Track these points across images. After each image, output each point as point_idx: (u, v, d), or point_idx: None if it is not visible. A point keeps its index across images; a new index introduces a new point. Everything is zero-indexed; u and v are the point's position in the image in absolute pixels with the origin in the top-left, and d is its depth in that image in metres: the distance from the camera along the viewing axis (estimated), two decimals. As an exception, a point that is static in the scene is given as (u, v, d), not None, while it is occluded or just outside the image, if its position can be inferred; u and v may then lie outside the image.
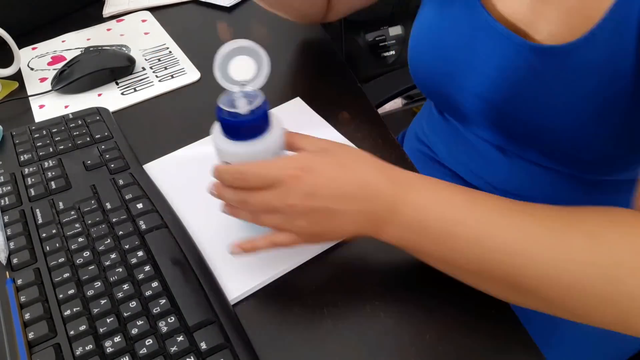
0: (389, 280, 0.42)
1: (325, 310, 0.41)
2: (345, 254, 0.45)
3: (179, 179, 0.53)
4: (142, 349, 0.37)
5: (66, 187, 0.52)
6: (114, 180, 0.52)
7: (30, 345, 0.38)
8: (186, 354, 0.37)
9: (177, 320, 0.39)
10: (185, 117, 0.63)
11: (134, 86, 0.69)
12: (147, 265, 0.43)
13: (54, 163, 0.54)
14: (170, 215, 0.48)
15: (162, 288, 0.41)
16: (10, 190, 0.51)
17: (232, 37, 0.80)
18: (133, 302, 0.40)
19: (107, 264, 0.43)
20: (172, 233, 0.46)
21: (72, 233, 0.46)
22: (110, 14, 0.88)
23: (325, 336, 0.39)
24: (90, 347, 0.37)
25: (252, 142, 0.38)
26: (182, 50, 0.76)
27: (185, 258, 0.44)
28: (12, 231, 0.47)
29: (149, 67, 0.73)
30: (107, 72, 0.69)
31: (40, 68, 0.75)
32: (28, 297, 0.41)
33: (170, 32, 0.81)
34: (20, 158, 0.56)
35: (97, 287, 0.41)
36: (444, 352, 0.38)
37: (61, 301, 0.41)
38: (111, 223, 0.47)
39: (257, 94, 0.38)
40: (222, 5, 0.87)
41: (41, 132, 0.59)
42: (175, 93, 0.68)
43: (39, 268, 0.44)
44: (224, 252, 0.45)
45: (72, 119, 0.61)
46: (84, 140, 0.57)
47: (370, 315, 0.40)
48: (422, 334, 0.39)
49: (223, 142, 0.39)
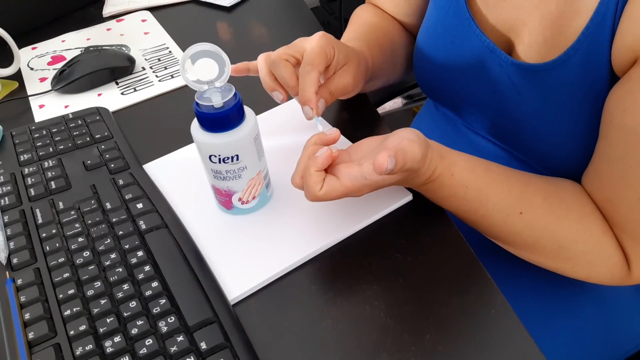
0: (388, 281, 0.42)
1: (325, 310, 0.41)
2: (345, 254, 0.45)
3: (179, 179, 0.53)
4: (142, 349, 0.37)
5: (66, 187, 0.52)
6: (114, 180, 0.52)
7: (30, 345, 0.38)
8: (186, 354, 0.37)
9: (177, 320, 0.39)
10: (185, 117, 0.63)
11: (134, 86, 0.69)
12: (147, 265, 0.43)
13: (54, 163, 0.54)
14: (170, 215, 0.48)
15: (162, 288, 0.41)
16: (10, 190, 0.51)
17: (232, 37, 0.80)
18: (133, 302, 0.40)
19: (107, 264, 0.43)
20: (172, 233, 0.46)
21: (72, 233, 0.46)
22: (110, 14, 0.88)
23: (325, 336, 0.39)
24: (90, 347, 0.37)
25: (229, 132, 0.42)
26: (182, 50, 0.76)
27: (185, 258, 0.44)
28: (12, 231, 0.47)
29: (149, 67, 0.73)
30: (107, 72, 0.69)
31: (40, 68, 0.75)
32: (28, 297, 0.41)
33: (170, 32, 0.81)
34: (20, 158, 0.56)
35: (97, 287, 0.41)
36: (444, 352, 0.38)
37: (61, 301, 0.41)
38: (111, 223, 0.47)
39: (230, 88, 0.42)
40: (222, 5, 0.87)
41: (41, 132, 0.59)
42: (175, 93, 0.68)
43: (39, 268, 0.44)
44: (224, 252, 0.45)
45: (72, 118, 0.61)
46: (84, 140, 0.57)
47: (370, 315, 0.40)
48: (422, 334, 0.39)
49: (202, 135, 0.42)
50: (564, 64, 0.44)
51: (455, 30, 0.53)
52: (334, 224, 0.47)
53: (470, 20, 0.51)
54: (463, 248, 0.45)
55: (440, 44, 0.55)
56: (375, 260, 0.44)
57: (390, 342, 0.38)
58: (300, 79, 0.45)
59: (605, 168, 0.43)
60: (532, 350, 0.38)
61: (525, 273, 0.55)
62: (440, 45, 0.55)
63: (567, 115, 0.46)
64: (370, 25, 0.62)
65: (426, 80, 0.61)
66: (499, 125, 0.54)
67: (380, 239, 0.46)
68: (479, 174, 0.44)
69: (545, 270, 0.48)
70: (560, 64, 0.44)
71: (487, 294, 0.41)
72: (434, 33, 0.56)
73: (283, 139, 0.57)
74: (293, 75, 0.46)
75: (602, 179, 0.44)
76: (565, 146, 0.48)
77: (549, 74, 0.45)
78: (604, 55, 0.41)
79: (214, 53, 0.40)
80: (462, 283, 0.42)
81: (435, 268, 0.43)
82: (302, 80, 0.45)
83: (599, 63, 0.42)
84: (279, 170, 0.51)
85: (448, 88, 0.57)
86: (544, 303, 0.56)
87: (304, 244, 0.45)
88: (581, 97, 0.44)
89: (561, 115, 0.46)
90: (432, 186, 0.44)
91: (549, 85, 0.46)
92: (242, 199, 0.47)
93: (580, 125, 0.46)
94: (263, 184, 0.47)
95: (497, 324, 0.39)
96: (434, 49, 0.56)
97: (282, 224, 0.47)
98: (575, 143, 0.47)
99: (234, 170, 0.44)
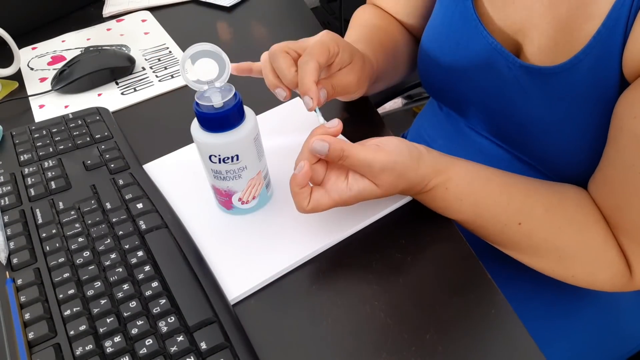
0: (388, 281, 0.42)
1: (325, 310, 0.41)
2: (345, 254, 0.45)
3: (179, 179, 0.53)
4: (142, 349, 0.37)
5: (66, 187, 0.52)
6: (114, 180, 0.52)
7: (30, 345, 0.38)
8: (186, 354, 0.37)
9: (177, 320, 0.39)
10: (185, 117, 0.63)
11: (134, 86, 0.69)
12: (147, 265, 0.43)
13: (54, 163, 0.54)
14: (170, 215, 0.48)
15: (162, 288, 0.41)
16: (10, 190, 0.51)
17: (232, 37, 0.80)
18: (133, 302, 0.40)
19: (107, 264, 0.43)
20: (172, 233, 0.46)
21: (72, 233, 0.46)
22: (110, 14, 0.88)
23: (325, 336, 0.39)
24: (90, 347, 0.37)
25: (229, 133, 0.42)
26: (182, 50, 0.76)
27: (185, 258, 0.44)
28: (12, 231, 0.47)
29: (149, 67, 0.73)
30: (107, 72, 0.69)
31: (40, 68, 0.75)
32: (28, 297, 0.41)
33: (170, 32, 0.81)
34: (20, 158, 0.56)
35: (97, 287, 0.41)
36: (444, 352, 0.38)
37: (61, 301, 0.41)
38: (111, 223, 0.47)
39: (230, 88, 0.42)
40: (222, 5, 0.87)
41: (41, 132, 0.59)
42: (175, 93, 0.68)
43: (39, 268, 0.44)
44: (224, 252, 0.45)
45: (72, 118, 0.61)
46: (84, 140, 0.57)
47: (370, 315, 0.40)
48: (422, 334, 0.39)
49: (202, 135, 0.42)
50: (574, 68, 0.43)
51: (462, 32, 0.52)
52: (334, 224, 0.47)
53: (477, 21, 0.50)
54: (463, 248, 0.45)
55: (445, 45, 0.55)
56: (375, 260, 0.44)
57: (390, 342, 0.38)
58: (299, 69, 0.44)
59: (614, 174, 0.43)
60: (532, 350, 0.38)
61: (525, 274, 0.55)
62: (446, 46, 0.55)
63: (575, 120, 0.45)
64: (372, 26, 0.61)
65: (431, 81, 0.61)
66: (504, 127, 0.54)
67: (380, 239, 0.46)
68: (476, 187, 0.44)
69: None
70: (570, 68, 0.43)
71: (487, 294, 0.41)
72: (439, 34, 0.56)
73: (283, 139, 0.57)
74: (291, 67, 0.45)
75: (610, 186, 0.44)
76: (570, 151, 0.47)
77: (558, 77, 0.45)
78: (615, 60, 0.41)
79: (214, 53, 0.40)
80: (462, 283, 0.42)
81: (435, 268, 0.43)
82: (301, 70, 0.44)
83: (610, 68, 0.41)
84: (279, 170, 0.51)
85: (453, 89, 0.57)
86: (544, 304, 0.56)
87: (304, 244, 0.45)
88: (590, 101, 0.44)
89: (569, 120, 0.46)
90: (426, 197, 0.45)
91: (557, 88, 0.45)
92: (242, 199, 0.47)
93: (587, 131, 0.45)
94: (263, 184, 0.47)
95: (497, 324, 0.39)
96: (440, 50, 0.56)
97: (282, 224, 0.47)
98: (581, 148, 0.47)
99: (234, 170, 0.44)
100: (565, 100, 0.45)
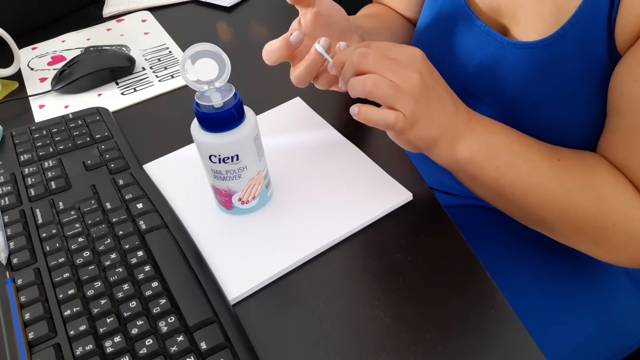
0: (388, 281, 0.42)
1: (325, 310, 0.41)
2: (345, 254, 0.45)
3: (179, 179, 0.53)
4: (142, 349, 0.37)
5: (66, 187, 0.52)
6: (114, 180, 0.52)
7: (30, 345, 0.38)
8: (186, 354, 0.37)
9: (177, 320, 0.39)
10: (185, 117, 0.63)
11: (134, 86, 0.69)
12: (147, 265, 0.43)
13: (54, 163, 0.54)
14: (170, 215, 0.48)
15: (162, 288, 0.41)
16: (10, 190, 0.51)
17: (232, 37, 0.80)
18: (133, 302, 0.40)
19: (107, 264, 0.43)
20: (172, 233, 0.46)
21: (72, 233, 0.46)
22: (110, 14, 0.88)
23: (325, 336, 0.39)
24: (90, 347, 0.37)
25: (229, 132, 0.42)
26: (182, 50, 0.76)
27: (185, 258, 0.44)
28: (12, 231, 0.47)
29: (149, 67, 0.73)
30: (107, 72, 0.69)
31: (40, 68, 0.75)
32: (28, 297, 0.41)
33: (170, 32, 0.81)
34: (20, 158, 0.56)
35: (97, 287, 0.41)
36: (444, 352, 0.38)
37: (61, 301, 0.41)
38: (111, 223, 0.47)
39: (230, 88, 0.42)
40: (222, 5, 0.87)
41: (41, 132, 0.59)
42: (175, 93, 0.68)
43: (39, 268, 0.44)
44: (224, 252, 0.45)
45: (72, 119, 0.61)
46: (84, 140, 0.57)
47: (370, 315, 0.40)
48: (422, 334, 0.39)
49: (202, 135, 0.42)
50: (561, 39, 0.44)
51: (451, 17, 0.54)
52: (334, 224, 0.47)
53: (466, 6, 0.52)
54: (463, 248, 0.45)
55: (435, 31, 0.56)
56: (375, 260, 0.44)
57: (390, 342, 0.38)
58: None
59: (619, 138, 0.43)
60: (533, 350, 0.38)
61: (526, 269, 0.55)
62: (436, 32, 0.56)
63: (566, 92, 0.46)
64: (371, 14, 0.65)
65: None
66: (495, 107, 0.54)
67: (380, 239, 0.46)
68: (511, 134, 0.45)
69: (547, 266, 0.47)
70: (557, 39, 0.44)
71: (487, 294, 0.41)
72: (430, 21, 0.57)
73: (283, 139, 0.57)
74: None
75: (616, 148, 0.44)
76: (562, 125, 0.48)
77: (547, 50, 0.45)
78: (602, 28, 0.41)
79: (214, 53, 0.40)
80: (462, 283, 0.42)
81: (435, 268, 0.43)
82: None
83: (597, 36, 0.42)
84: (279, 170, 0.51)
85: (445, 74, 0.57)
86: (545, 298, 0.56)
87: (304, 244, 0.45)
88: (579, 72, 0.44)
89: (559, 93, 0.46)
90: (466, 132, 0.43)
91: (546, 62, 0.46)
92: (242, 199, 0.47)
93: (579, 103, 0.46)
94: (263, 184, 0.47)
95: (497, 324, 0.39)
96: (430, 36, 0.57)
97: (282, 224, 0.47)
98: (573, 121, 0.47)
99: (234, 170, 0.44)
100: (554, 73, 0.46)
